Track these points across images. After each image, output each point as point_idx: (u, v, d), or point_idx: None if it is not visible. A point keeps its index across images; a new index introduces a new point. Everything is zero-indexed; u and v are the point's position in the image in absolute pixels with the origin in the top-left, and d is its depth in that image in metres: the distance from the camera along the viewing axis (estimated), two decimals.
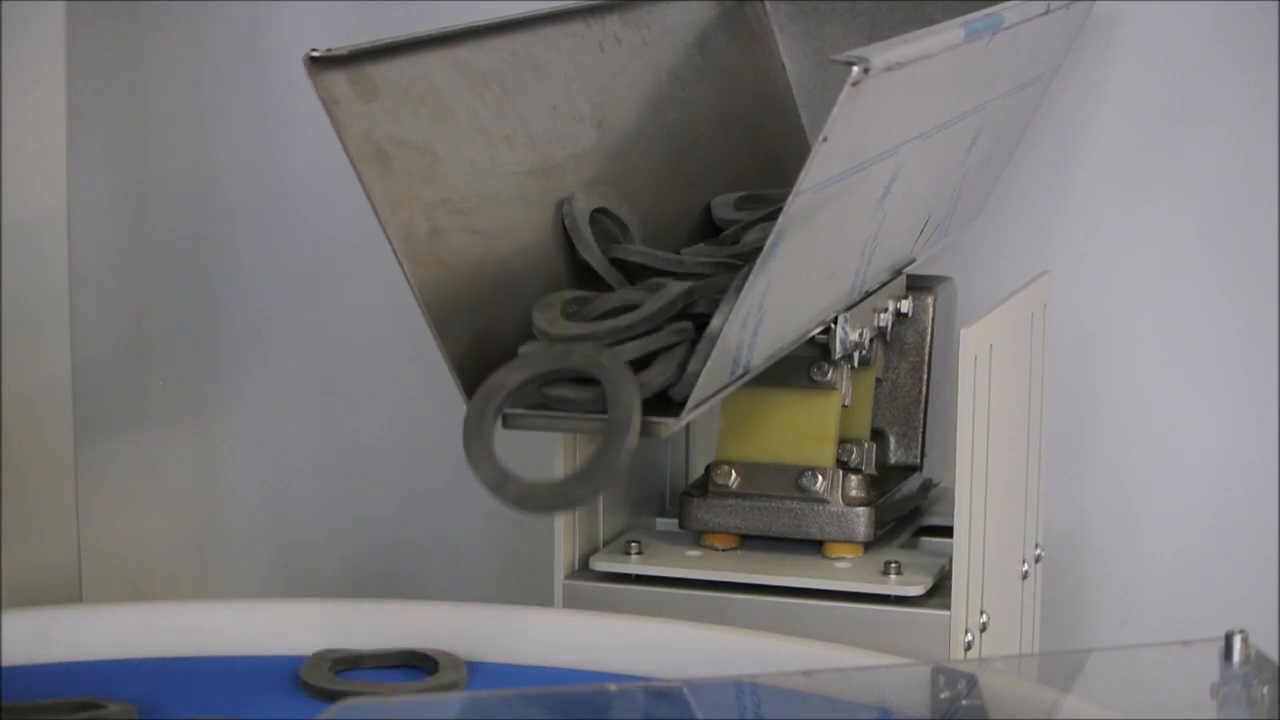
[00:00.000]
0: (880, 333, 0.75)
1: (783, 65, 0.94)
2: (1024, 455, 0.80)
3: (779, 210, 0.54)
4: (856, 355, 0.72)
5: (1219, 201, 1.00)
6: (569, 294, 0.63)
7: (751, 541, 0.76)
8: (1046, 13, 0.76)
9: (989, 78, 0.74)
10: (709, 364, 0.54)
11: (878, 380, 0.77)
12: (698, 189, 0.77)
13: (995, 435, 0.72)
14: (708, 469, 0.75)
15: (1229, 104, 0.96)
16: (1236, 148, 0.99)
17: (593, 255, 0.66)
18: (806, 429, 0.74)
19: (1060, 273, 0.91)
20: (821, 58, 0.89)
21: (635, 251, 0.68)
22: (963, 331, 0.68)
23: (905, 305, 0.76)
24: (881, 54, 0.51)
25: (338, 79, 0.58)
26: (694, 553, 0.75)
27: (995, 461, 0.72)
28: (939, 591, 0.72)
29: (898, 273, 0.78)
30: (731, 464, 0.74)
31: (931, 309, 0.78)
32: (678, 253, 0.70)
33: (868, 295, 0.73)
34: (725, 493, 0.74)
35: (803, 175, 0.50)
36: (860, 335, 0.71)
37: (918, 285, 0.80)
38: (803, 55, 0.94)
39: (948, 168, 0.75)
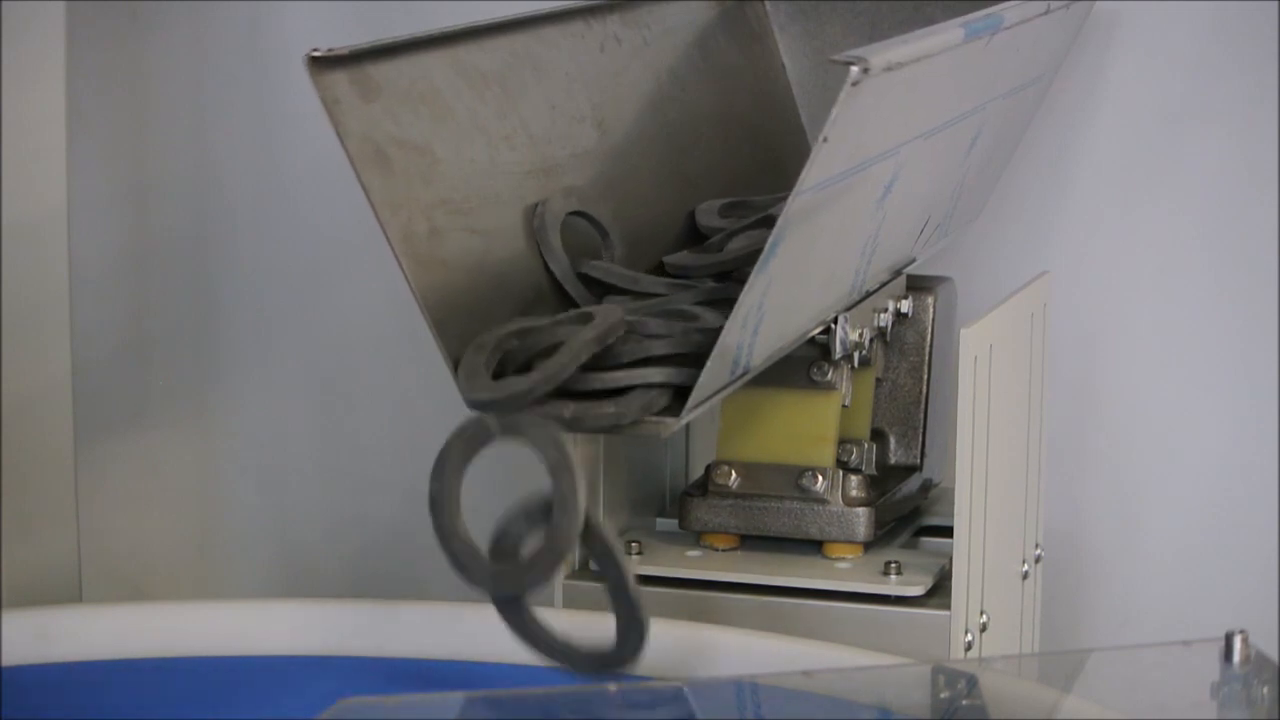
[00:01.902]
0: (880, 333, 0.74)
1: (783, 65, 0.93)
2: (1024, 455, 0.80)
3: (765, 218, 0.53)
4: (856, 355, 0.72)
5: (1219, 201, 1.00)
6: (513, 326, 0.62)
7: (751, 541, 0.75)
8: (1046, 13, 0.76)
9: (989, 78, 0.74)
10: (709, 364, 0.54)
11: (878, 380, 0.77)
12: (697, 189, 0.77)
13: (995, 435, 0.72)
14: (708, 469, 0.75)
15: (1229, 104, 0.97)
16: (1236, 148, 0.99)
17: (558, 264, 0.66)
18: (806, 429, 0.74)
19: (1060, 273, 0.91)
20: (821, 58, 0.89)
21: (595, 267, 0.67)
22: (963, 331, 0.68)
23: (905, 305, 0.76)
24: (881, 54, 0.51)
25: (339, 79, 0.58)
26: (694, 553, 0.75)
27: (995, 461, 0.72)
28: (939, 591, 0.72)
29: (898, 273, 0.77)
30: (731, 464, 0.74)
31: (931, 309, 0.78)
32: (662, 260, 0.71)
33: (868, 295, 0.73)
34: (725, 493, 0.74)
35: (803, 176, 0.50)
36: (860, 335, 0.70)
37: (918, 285, 0.79)
38: (803, 55, 0.94)
39: (948, 168, 0.75)
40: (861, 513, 0.73)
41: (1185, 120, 0.99)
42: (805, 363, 0.72)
